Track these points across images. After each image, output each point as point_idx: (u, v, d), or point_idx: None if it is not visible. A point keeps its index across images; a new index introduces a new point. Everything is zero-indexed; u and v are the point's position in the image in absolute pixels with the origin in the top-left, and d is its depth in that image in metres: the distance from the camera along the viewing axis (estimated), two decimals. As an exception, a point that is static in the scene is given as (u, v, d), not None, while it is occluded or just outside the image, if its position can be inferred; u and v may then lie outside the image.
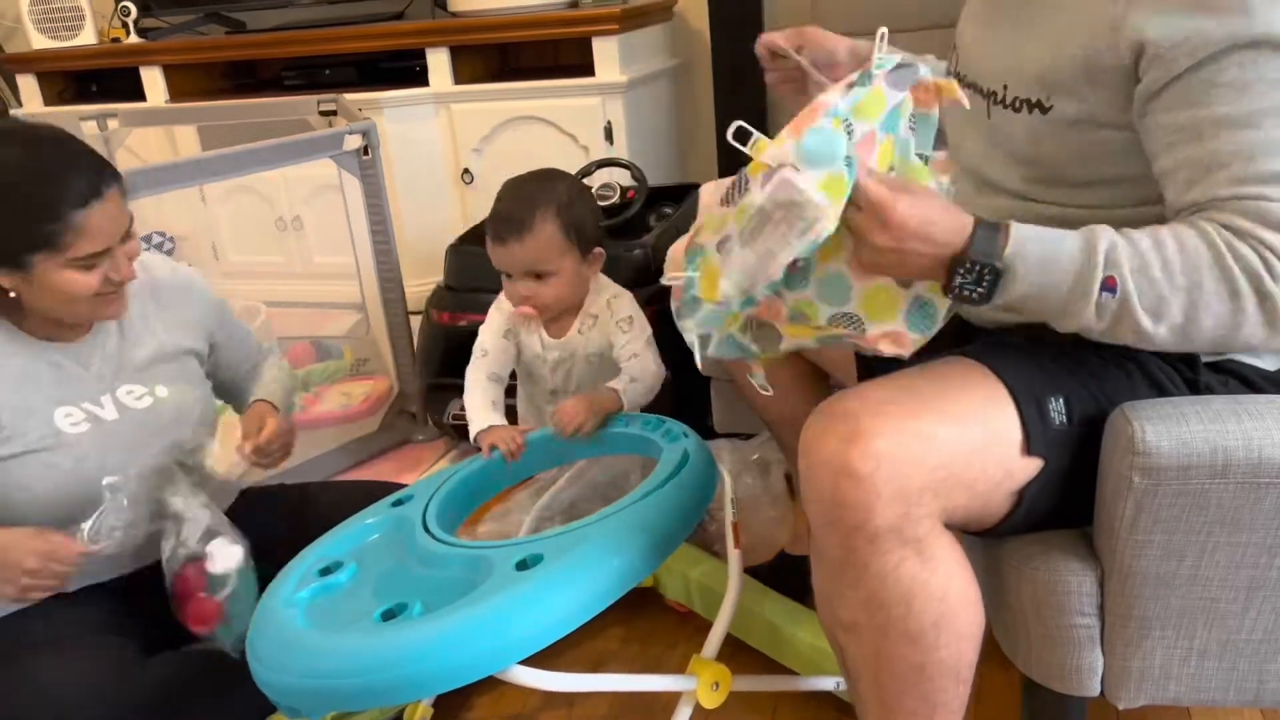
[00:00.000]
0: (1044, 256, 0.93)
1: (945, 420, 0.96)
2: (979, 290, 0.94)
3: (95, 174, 1.16)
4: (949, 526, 0.99)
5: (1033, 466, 0.99)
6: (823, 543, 0.98)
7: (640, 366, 1.52)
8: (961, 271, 0.93)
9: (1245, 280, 0.89)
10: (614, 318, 1.56)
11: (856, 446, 0.92)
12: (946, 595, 0.97)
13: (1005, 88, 1.05)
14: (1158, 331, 0.92)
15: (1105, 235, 0.92)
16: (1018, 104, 1.04)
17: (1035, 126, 1.03)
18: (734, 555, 1.31)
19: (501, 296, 1.59)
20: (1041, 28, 1.02)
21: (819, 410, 0.98)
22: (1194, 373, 1.03)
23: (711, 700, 1.22)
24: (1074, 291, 0.92)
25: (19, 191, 1.13)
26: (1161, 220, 0.96)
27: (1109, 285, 0.91)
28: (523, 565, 1.05)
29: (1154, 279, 0.90)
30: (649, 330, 1.56)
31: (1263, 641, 1.02)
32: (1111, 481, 0.98)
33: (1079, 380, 1.01)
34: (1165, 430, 0.94)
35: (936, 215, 0.93)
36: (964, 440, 0.96)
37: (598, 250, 1.54)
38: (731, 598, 1.26)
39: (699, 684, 1.21)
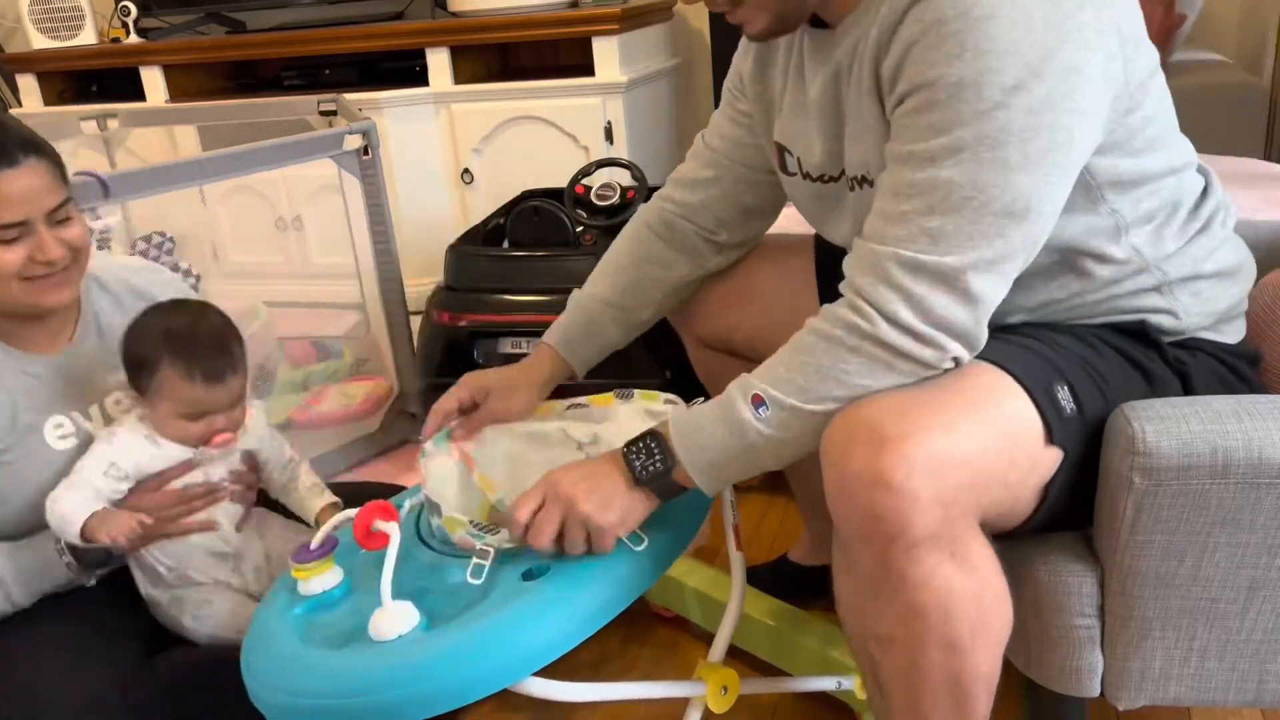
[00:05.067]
0: (689, 416, 1.02)
1: (968, 414, 0.93)
2: (655, 461, 1.01)
3: (11, 142, 1.14)
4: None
5: (1055, 458, 0.98)
6: (857, 556, 0.96)
7: None
8: (633, 452, 1.02)
9: (844, 333, 0.94)
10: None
11: (886, 453, 0.88)
12: (981, 598, 0.95)
13: (842, 172, 1.09)
14: (828, 408, 0.95)
15: (738, 379, 1.00)
16: (854, 183, 1.07)
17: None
18: (737, 558, 1.29)
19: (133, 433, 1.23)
20: (830, 113, 1.07)
21: (836, 423, 0.94)
22: (1160, 351, 1.05)
23: (721, 704, 1.21)
24: (729, 426, 0.98)
25: None
26: (1049, 256, 1.00)
27: (756, 402, 0.97)
28: (529, 575, 1.02)
29: (783, 379, 0.96)
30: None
31: (1263, 641, 1.02)
32: (1112, 482, 0.98)
33: (1075, 366, 1.00)
34: (1165, 430, 0.94)
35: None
36: (991, 432, 0.94)
37: None
38: (736, 601, 1.24)
39: (708, 689, 1.20)
